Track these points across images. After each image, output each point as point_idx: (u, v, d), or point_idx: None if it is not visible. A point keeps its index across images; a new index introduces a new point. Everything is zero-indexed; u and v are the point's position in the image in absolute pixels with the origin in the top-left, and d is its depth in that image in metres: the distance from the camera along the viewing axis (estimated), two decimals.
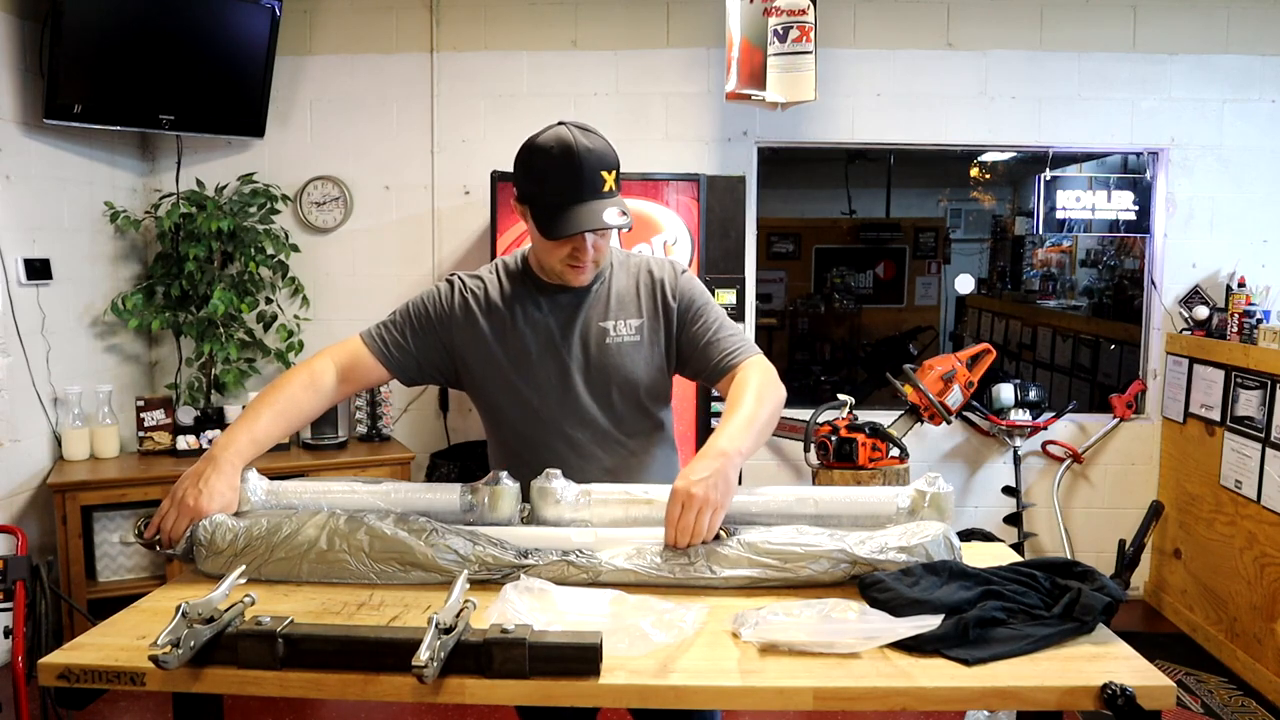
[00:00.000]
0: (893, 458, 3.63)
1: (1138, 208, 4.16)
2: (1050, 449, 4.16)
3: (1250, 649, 3.43)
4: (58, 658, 1.24)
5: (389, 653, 1.18)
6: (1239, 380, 3.54)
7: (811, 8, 3.59)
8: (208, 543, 1.50)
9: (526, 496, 1.62)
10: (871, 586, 1.39)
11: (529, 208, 1.70)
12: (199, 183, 3.94)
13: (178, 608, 1.17)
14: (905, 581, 1.39)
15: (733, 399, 1.65)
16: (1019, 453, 4.08)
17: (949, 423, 3.87)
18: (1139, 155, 4.21)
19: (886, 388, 3.98)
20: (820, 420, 3.67)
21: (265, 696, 1.45)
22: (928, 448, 4.17)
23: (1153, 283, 4.19)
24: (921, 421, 3.83)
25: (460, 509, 1.59)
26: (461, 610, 1.22)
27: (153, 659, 1.14)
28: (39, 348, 3.50)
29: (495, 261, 1.88)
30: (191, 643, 1.16)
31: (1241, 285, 3.80)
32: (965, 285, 7.16)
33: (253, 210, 3.91)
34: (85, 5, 3.40)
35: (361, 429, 4.05)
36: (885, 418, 3.81)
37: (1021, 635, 1.27)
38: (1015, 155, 5.91)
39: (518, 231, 3.64)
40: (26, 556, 2.51)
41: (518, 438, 1.82)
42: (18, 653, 2.33)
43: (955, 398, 3.79)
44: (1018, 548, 3.71)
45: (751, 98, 3.67)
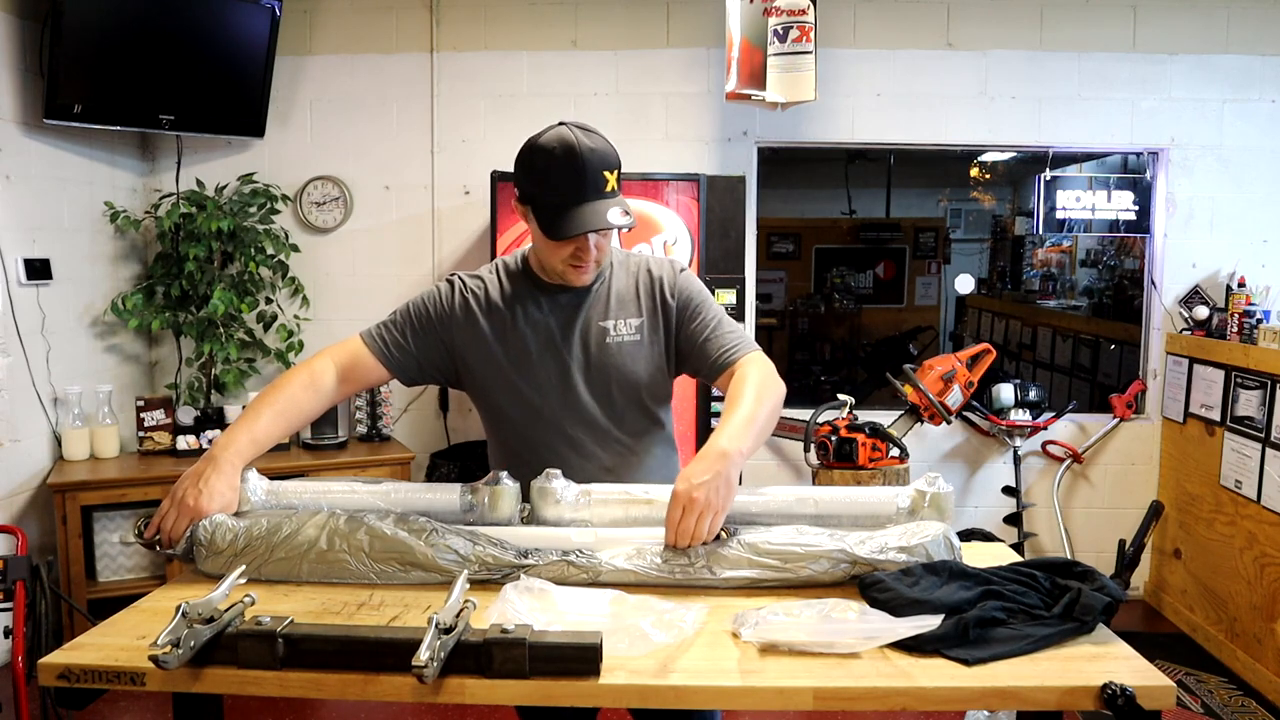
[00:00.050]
0: (893, 458, 3.63)
1: (1138, 208, 4.16)
2: (1050, 449, 4.16)
3: (1250, 649, 3.43)
4: (58, 658, 1.24)
5: (389, 653, 1.18)
6: (1239, 380, 3.54)
7: (811, 8, 3.59)
8: (208, 543, 1.50)
9: (526, 496, 1.61)
10: (871, 586, 1.39)
11: (531, 208, 1.70)
12: (199, 183, 3.94)
13: (178, 608, 1.17)
14: (905, 581, 1.39)
15: (732, 396, 1.65)
16: (1019, 453, 4.08)
17: (949, 423, 3.87)
18: (1139, 155, 4.21)
19: (886, 388, 3.98)
20: (820, 420, 3.67)
21: (265, 696, 1.45)
22: (928, 448, 4.17)
23: (1153, 283, 4.19)
24: (921, 421, 3.83)
25: (460, 509, 1.59)
26: (461, 610, 1.22)
27: (153, 659, 1.14)
28: (39, 348, 3.50)
29: (495, 261, 1.88)
30: (191, 643, 1.16)
31: (1241, 285, 3.80)
32: (965, 285, 7.16)
33: (253, 210, 3.91)
34: (85, 5, 3.40)
35: (361, 429, 4.05)
36: (885, 418, 3.81)
37: (1021, 635, 1.27)
38: (1015, 155, 5.91)
39: (518, 231, 3.64)
40: (26, 556, 2.51)
41: (518, 438, 1.82)
42: (18, 653, 2.33)
43: (955, 398, 3.79)
44: (1018, 548, 3.71)
45: (751, 98, 3.67)
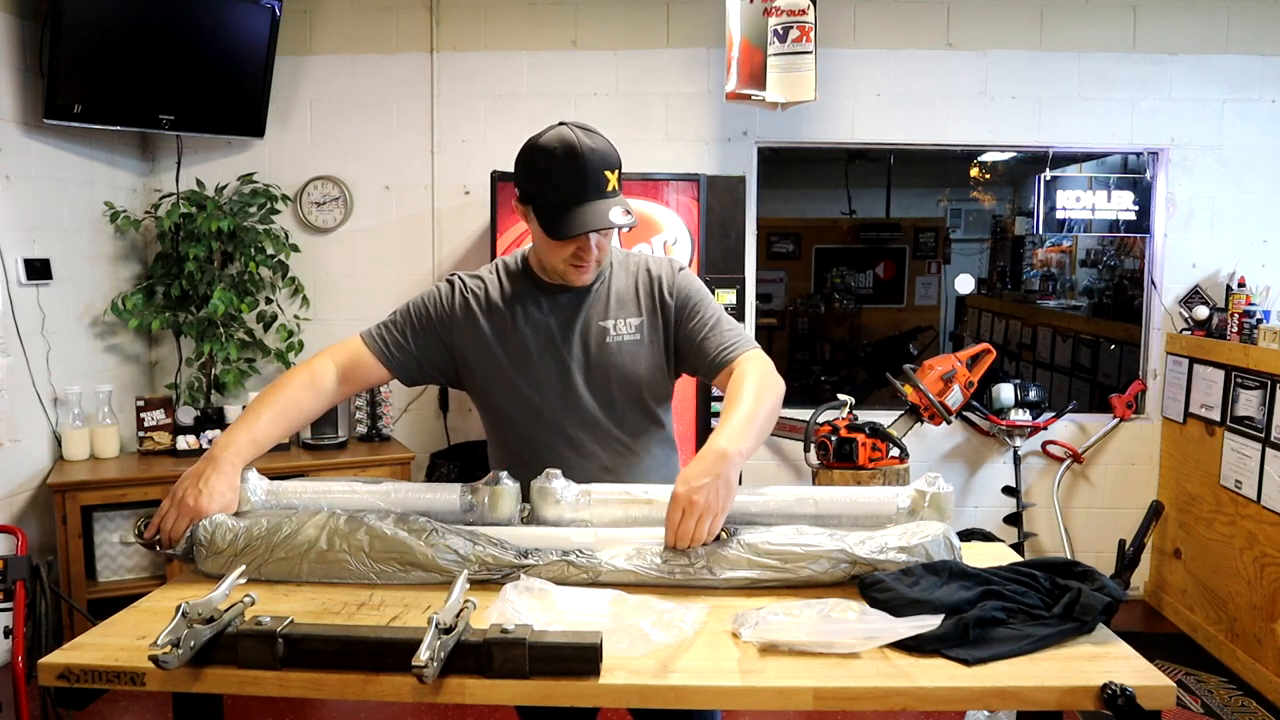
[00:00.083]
0: (893, 458, 3.63)
1: (1138, 208, 4.16)
2: (1050, 449, 4.16)
3: (1250, 649, 3.43)
4: (58, 658, 1.24)
5: (389, 653, 1.18)
6: (1239, 380, 3.54)
7: (811, 8, 3.59)
8: (208, 543, 1.50)
9: (526, 496, 1.61)
10: (871, 586, 1.39)
11: (532, 208, 1.70)
12: (199, 183, 3.94)
13: (178, 608, 1.17)
14: (905, 581, 1.39)
15: (731, 395, 1.64)
16: (1019, 453, 4.08)
17: (949, 423, 3.87)
18: (1139, 155, 4.21)
19: (886, 388, 3.98)
20: (820, 420, 3.67)
21: (265, 696, 1.45)
22: (928, 448, 4.17)
23: (1153, 283, 4.19)
24: (921, 421, 3.83)
25: (460, 509, 1.59)
26: (461, 610, 1.22)
27: (153, 659, 1.14)
28: (39, 348, 3.50)
29: (495, 261, 1.88)
30: (191, 643, 1.16)
31: (1241, 285, 3.80)
32: (965, 285, 7.16)
33: (253, 210, 3.91)
34: (85, 5, 3.40)
35: (361, 429, 4.05)
36: (885, 418, 3.81)
37: (1021, 635, 1.27)
38: (1015, 155, 5.91)
39: (518, 231, 3.64)
40: (26, 556, 2.51)
41: (518, 437, 1.81)
42: (18, 653, 2.33)
43: (955, 398, 3.79)
44: (1018, 548, 3.71)
45: (751, 98, 3.67)
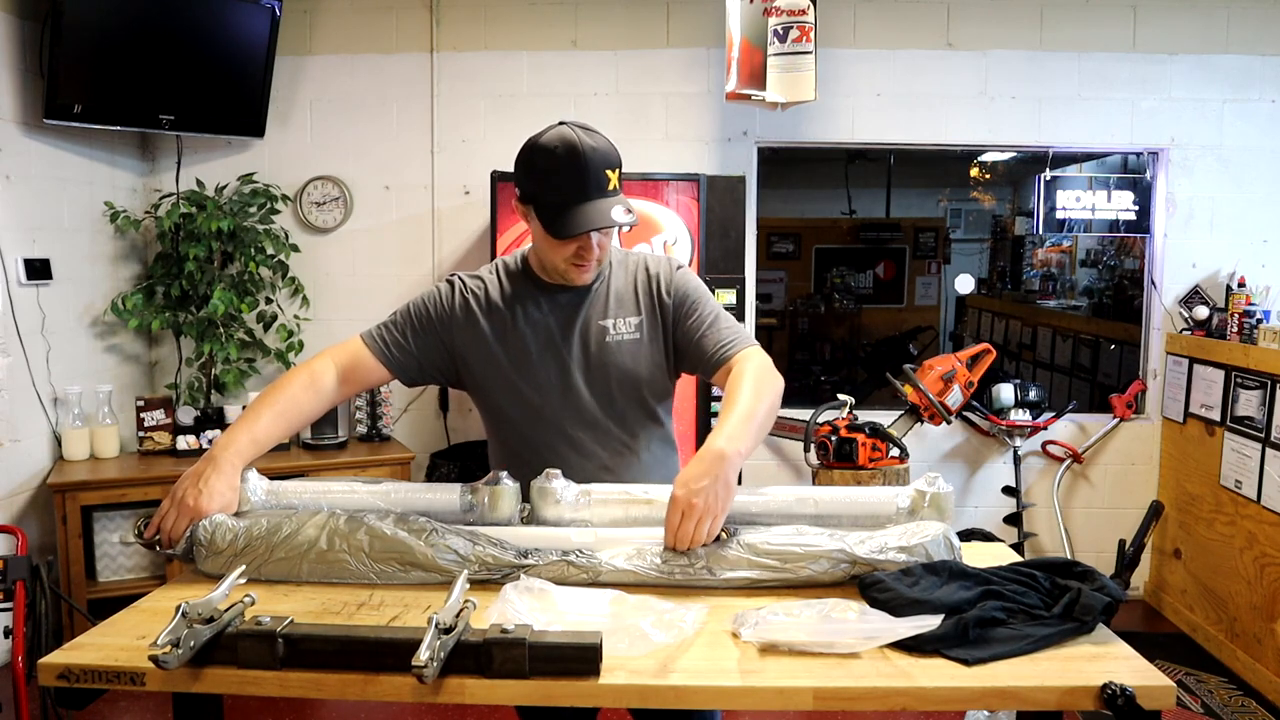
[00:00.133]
0: (893, 458, 3.63)
1: (1138, 208, 4.16)
2: (1050, 449, 4.16)
3: (1250, 649, 3.43)
4: (58, 658, 1.23)
5: (389, 653, 1.18)
6: (1239, 380, 3.54)
7: (811, 8, 3.59)
8: (208, 543, 1.50)
9: (526, 496, 1.61)
10: (871, 586, 1.39)
11: (533, 207, 1.70)
12: (199, 183, 3.94)
13: (178, 608, 1.17)
14: (905, 581, 1.39)
15: (729, 394, 1.64)
16: (1019, 453, 4.08)
17: (949, 423, 3.87)
18: (1139, 155, 4.21)
19: (886, 388, 3.98)
20: (820, 420, 3.67)
21: (265, 696, 1.45)
22: (928, 448, 4.17)
23: (1153, 283, 4.19)
24: (921, 421, 3.83)
25: (460, 509, 1.59)
26: (461, 610, 1.22)
27: (153, 659, 1.14)
28: (39, 348, 3.50)
29: (495, 262, 1.88)
30: (191, 643, 1.16)
31: (1241, 285, 3.80)
32: (965, 285, 7.16)
33: (253, 210, 3.91)
34: (85, 5, 3.40)
35: (361, 429, 4.05)
36: (885, 418, 3.81)
37: (1021, 635, 1.27)
38: (1015, 155, 5.91)
39: (518, 231, 3.64)
40: (26, 556, 2.51)
41: (518, 437, 1.82)
42: (18, 653, 2.33)
43: (955, 398, 3.79)
44: (1018, 548, 3.71)
45: (751, 98, 3.67)
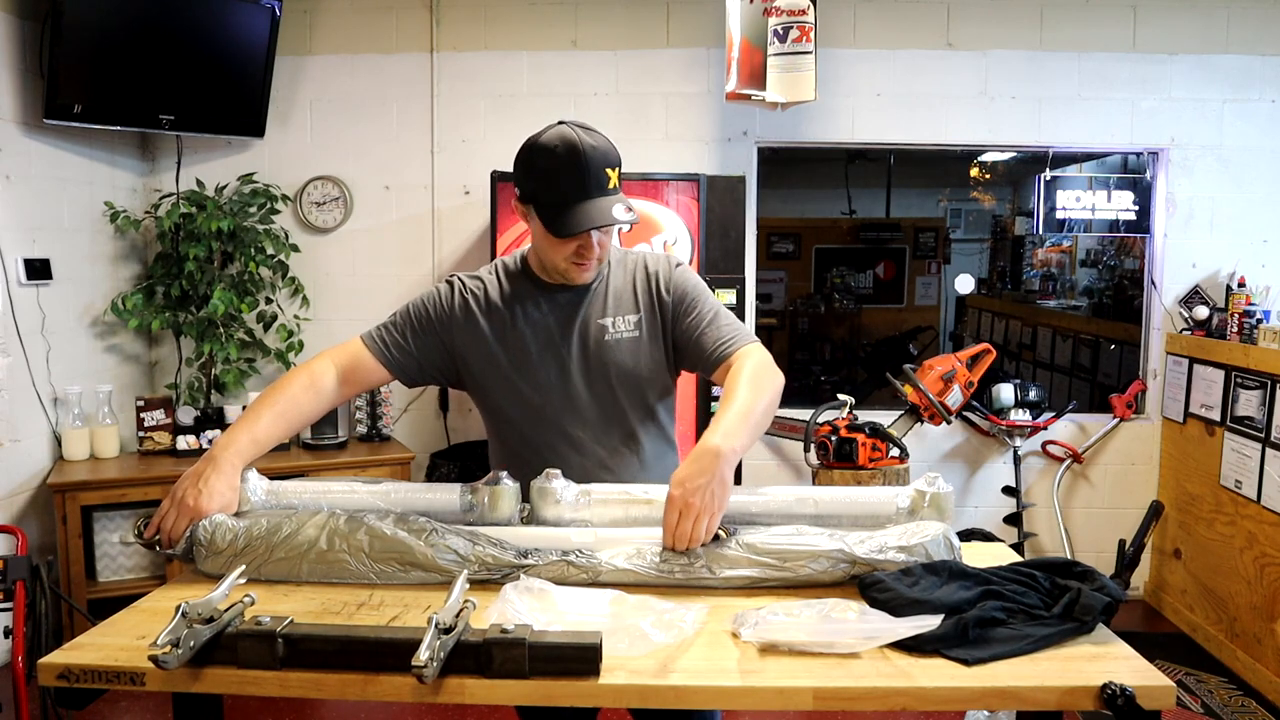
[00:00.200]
0: (893, 458, 3.63)
1: (1138, 208, 4.16)
2: (1050, 449, 4.16)
3: (1250, 649, 3.43)
4: (58, 658, 1.23)
5: (389, 653, 1.18)
6: (1239, 380, 3.54)
7: (811, 8, 3.59)
8: (208, 543, 1.50)
9: (526, 496, 1.61)
10: (871, 586, 1.39)
11: (533, 207, 1.70)
12: (199, 183, 3.94)
13: (178, 608, 1.17)
14: (905, 581, 1.39)
15: (727, 391, 1.64)
16: (1019, 453, 4.08)
17: (949, 423, 3.87)
18: (1139, 155, 4.21)
19: (886, 388, 3.98)
20: (820, 420, 3.67)
21: (265, 696, 1.45)
22: (928, 448, 4.17)
23: (1153, 283, 4.19)
24: (921, 421, 3.83)
25: (460, 509, 1.59)
26: (461, 610, 1.22)
27: (153, 659, 1.14)
28: (39, 348, 3.50)
29: (495, 262, 1.89)
30: (191, 643, 1.16)
31: (1241, 285, 3.80)
32: (965, 285, 7.16)
33: (253, 210, 3.91)
34: (85, 5, 3.40)
35: (361, 429, 4.05)
36: (885, 418, 3.81)
37: (1021, 635, 1.27)
38: (1015, 155, 5.90)
39: (518, 231, 3.64)
40: (26, 556, 2.51)
41: (518, 437, 1.82)
42: (18, 653, 2.33)
43: (955, 398, 3.79)
44: (1018, 548, 3.71)
45: (751, 98, 3.67)
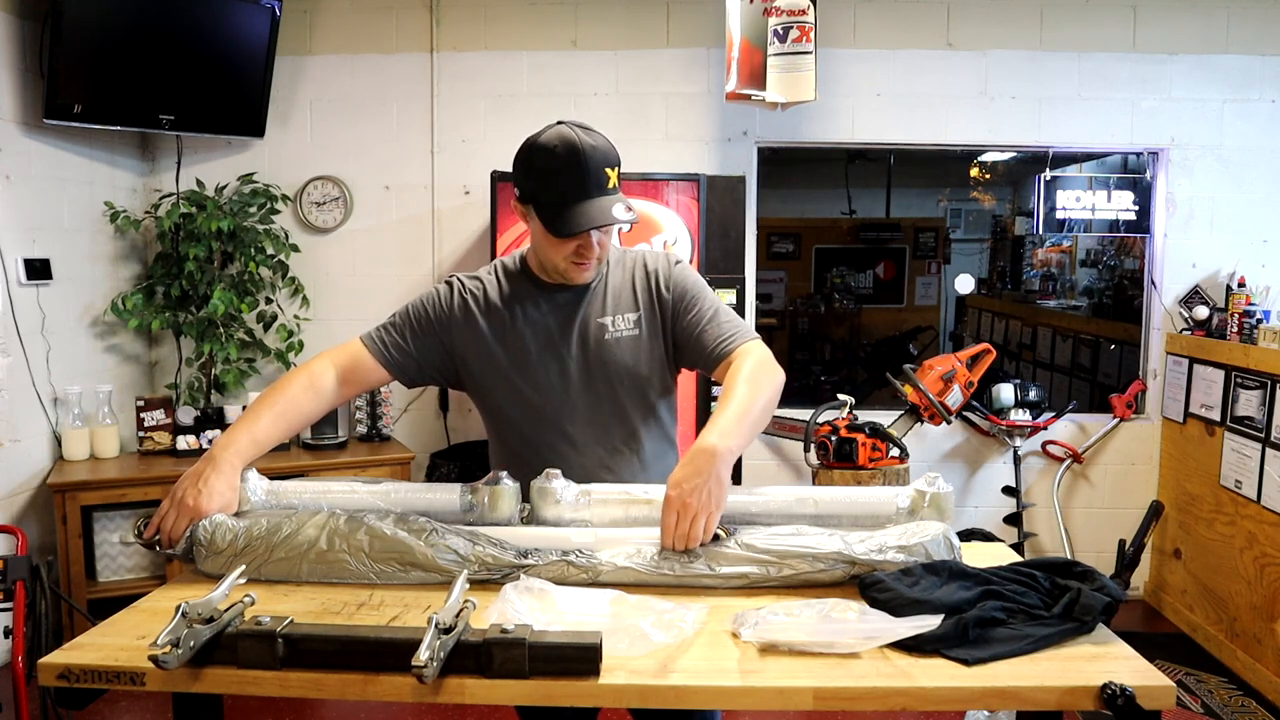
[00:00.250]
0: (893, 458, 3.63)
1: (1138, 208, 4.16)
2: (1050, 449, 4.16)
3: (1250, 649, 3.43)
4: (58, 658, 1.23)
5: (389, 653, 1.18)
6: (1239, 380, 3.54)
7: (811, 8, 3.59)
8: (208, 543, 1.50)
9: (526, 496, 1.61)
10: (871, 586, 1.39)
11: (533, 207, 1.70)
12: (199, 183, 3.94)
13: (178, 608, 1.17)
14: (905, 581, 1.39)
15: (725, 389, 1.64)
16: (1019, 453, 4.08)
17: (949, 423, 3.87)
18: (1139, 155, 4.21)
19: (886, 388, 3.98)
20: (820, 420, 3.67)
21: (265, 696, 1.45)
22: (928, 448, 4.17)
23: (1153, 283, 4.19)
24: (921, 421, 3.83)
25: (460, 509, 1.59)
26: (461, 610, 1.22)
27: (153, 659, 1.14)
28: (39, 348, 3.50)
29: (494, 262, 1.89)
30: (191, 643, 1.16)
31: (1241, 285, 3.80)
32: (965, 285, 7.16)
33: (253, 210, 3.91)
34: (85, 5, 3.40)
35: (361, 429, 4.05)
36: (885, 418, 3.81)
37: (1021, 635, 1.27)
38: (1015, 155, 5.90)
39: (518, 231, 3.64)
40: (26, 556, 2.51)
41: (518, 437, 1.82)
42: (18, 653, 2.33)
43: (955, 398, 3.79)
44: (1018, 548, 3.71)
45: (751, 98, 3.67)
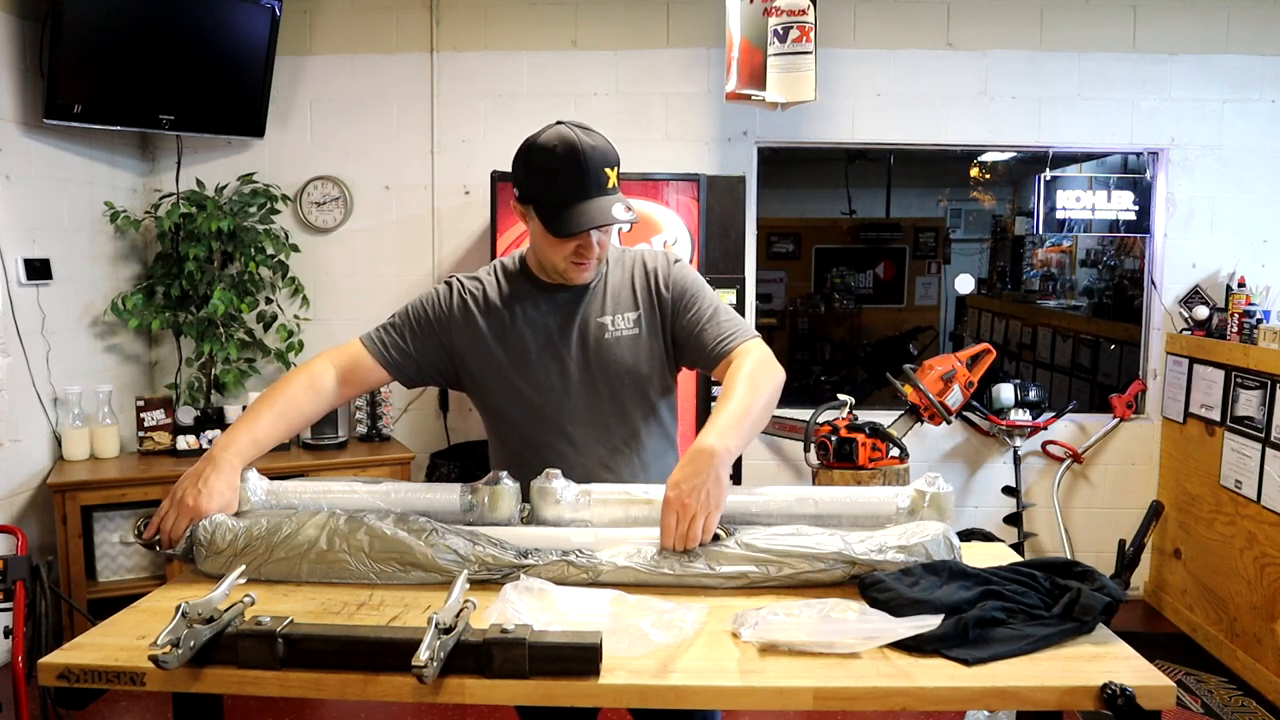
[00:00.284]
0: (893, 458, 3.63)
1: (1138, 208, 4.16)
2: (1050, 449, 4.16)
3: (1250, 649, 3.43)
4: (58, 658, 1.23)
5: (389, 653, 1.18)
6: (1239, 380, 3.54)
7: (811, 8, 3.59)
8: (208, 543, 1.50)
9: (526, 496, 1.61)
10: (871, 586, 1.39)
11: (532, 207, 1.70)
12: (199, 183, 3.94)
13: (178, 608, 1.17)
14: (905, 581, 1.39)
15: (724, 389, 1.64)
16: (1019, 453, 4.08)
17: (949, 423, 3.87)
18: (1139, 155, 4.21)
19: (886, 388, 3.98)
20: (820, 420, 3.67)
21: (265, 696, 1.45)
22: (928, 448, 4.17)
23: (1153, 283, 4.19)
24: (921, 421, 3.83)
25: (460, 509, 1.59)
26: (461, 610, 1.22)
27: (153, 659, 1.14)
28: (39, 348, 3.50)
29: (494, 263, 1.89)
30: (191, 643, 1.16)
31: (1241, 285, 3.80)
32: (965, 285, 7.16)
33: (253, 210, 3.91)
34: (85, 5, 3.40)
35: (361, 429, 4.05)
36: (885, 418, 3.81)
37: (1021, 635, 1.27)
38: (1015, 155, 5.90)
39: (518, 231, 3.64)
40: (26, 556, 2.51)
41: (518, 437, 1.82)
42: (18, 653, 2.33)
43: (955, 398, 3.79)
44: (1018, 548, 3.71)
45: (751, 98, 3.67)
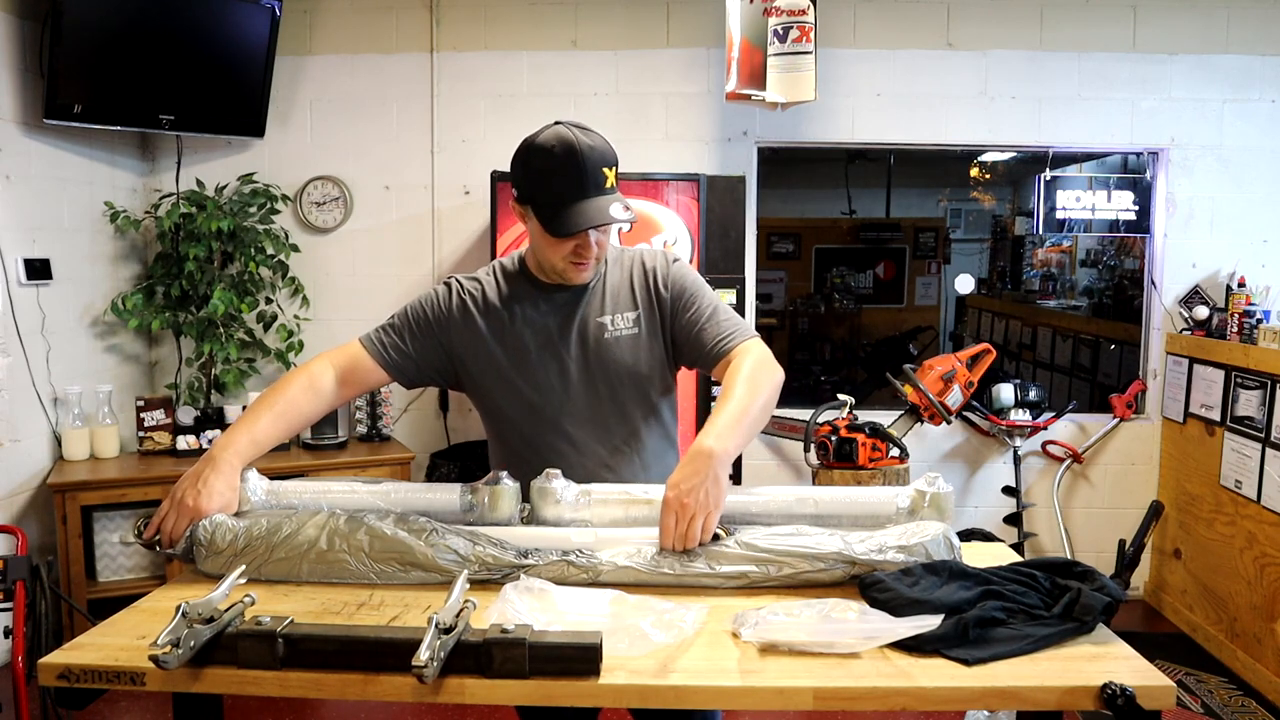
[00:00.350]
0: (893, 458, 3.63)
1: (1138, 208, 4.16)
2: (1050, 449, 4.16)
3: (1250, 649, 3.43)
4: (58, 658, 1.23)
5: (389, 653, 1.18)
6: (1239, 380, 3.54)
7: (811, 8, 3.59)
8: (208, 543, 1.50)
9: (526, 496, 1.61)
10: (871, 586, 1.39)
11: (531, 207, 1.70)
12: (199, 183, 3.94)
13: (178, 608, 1.17)
14: (905, 581, 1.39)
15: (724, 389, 1.65)
16: (1019, 453, 4.08)
17: (949, 423, 3.87)
18: (1139, 155, 4.21)
19: (886, 388, 3.98)
20: (820, 420, 3.67)
21: (265, 696, 1.45)
22: (928, 448, 4.17)
23: (1153, 283, 4.19)
24: (921, 421, 3.83)
25: (460, 509, 1.59)
26: (461, 610, 1.22)
27: (153, 659, 1.14)
28: (39, 348, 3.50)
29: (493, 263, 1.89)
30: (191, 643, 1.16)
31: (1241, 285, 3.80)
32: (965, 285, 7.16)
33: (253, 210, 3.91)
34: (85, 5, 3.40)
35: (361, 429, 4.05)
36: (885, 418, 3.81)
37: (1021, 635, 1.27)
38: (1015, 155, 5.91)
39: (518, 231, 3.64)
40: (26, 556, 2.51)
41: (518, 437, 1.82)
42: (18, 653, 2.33)
43: (955, 398, 3.79)
44: (1018, 548, 3.71)
45: (751, 98, 3.67)
